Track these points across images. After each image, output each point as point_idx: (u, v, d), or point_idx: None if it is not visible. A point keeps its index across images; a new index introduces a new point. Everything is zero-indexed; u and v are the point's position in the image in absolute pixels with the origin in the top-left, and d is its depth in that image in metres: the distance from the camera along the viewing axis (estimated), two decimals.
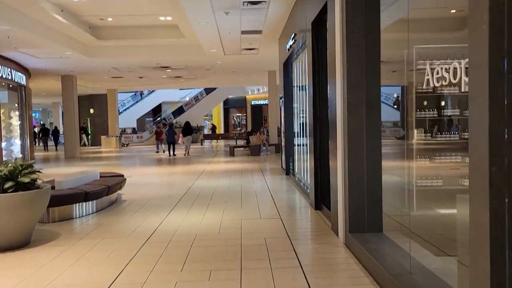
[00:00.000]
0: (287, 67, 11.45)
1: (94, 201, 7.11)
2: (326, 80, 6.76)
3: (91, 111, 31.95)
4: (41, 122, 52.02)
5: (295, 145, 11.17)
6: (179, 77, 22.41)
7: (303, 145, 9.35)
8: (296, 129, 10.43)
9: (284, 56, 11.36)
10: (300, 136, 10.09)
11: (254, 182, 10.50)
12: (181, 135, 19.45)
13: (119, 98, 41.71)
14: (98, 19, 13.16)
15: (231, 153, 18.84)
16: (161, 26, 14.11)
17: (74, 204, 6.82)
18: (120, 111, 39.84)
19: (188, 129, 19.81)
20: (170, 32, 14.18)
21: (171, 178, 11.75)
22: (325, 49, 6.67)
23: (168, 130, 19.70)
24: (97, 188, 7.07)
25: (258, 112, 39.17)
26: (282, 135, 12.37)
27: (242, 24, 11.12)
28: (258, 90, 35.21)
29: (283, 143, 12.35)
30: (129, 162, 18.14)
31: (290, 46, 9.52)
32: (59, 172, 13.60)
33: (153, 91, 40.75)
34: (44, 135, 28.87)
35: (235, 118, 42.41)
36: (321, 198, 6.90)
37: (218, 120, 41.18)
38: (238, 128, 41.24)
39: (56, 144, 28.97)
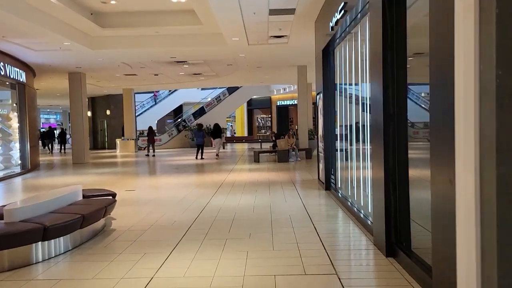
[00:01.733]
0: (327, 55, 9.09)
1: (62, 237, 4.93)
2: (404, 59, 4.39)
3: (108, 112, 30.24)
4: (61, 125, 51.17)
5: (337, 151, 8.81)
6: (199, 74, 20.29)
7: (356, 152, 6.98)
8: (343, 131, 8.05)
9: (323, 41, 9.01)
10: (347, 141, 7.72)
11: (286, 201, 8.17)
12: (211, 137, 18.90)
13: (139, 99, 40.47)
14: (100, 2, 11.10)
15: (256, 159, 16.56)
16: (174, 11, 11.96)
17: (33, 244, 4.67)
18: (140, 112, 38.39)
19: (217, 131, 19.10)
20: (185, 18, 12.02)
21: (183, 192, 9.55)
22: (404, 11, 4.34)
23: (197, 132, 19.02)
24: (64, 221, 4.88)
25: (284, 113, 36.81)
26: (320, 139, 10.02)
27: (270, 0, 8.83)
28: (284, 89, 32.86)
29: (320, 149, 9.99)
30: (140, 169, 16.07)
31: (336, 22, 7.17)
32: (52, 183, 11.61)
33: (173, 91, 39.10)
34: (49, 137, 27.54)
35: (259, 120, 40.15)
36: (398, 238, 4.52)
37: (241, 121, 39.02)
38: (263, 130, 38.98)
39: (62, 148, 27.93)
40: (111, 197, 6.71)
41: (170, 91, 39.47)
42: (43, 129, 31.77)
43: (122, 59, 15.18)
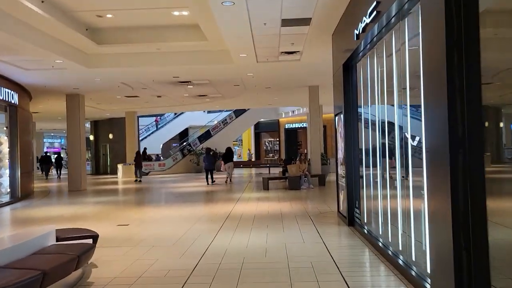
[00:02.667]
0: (349, 69, 7.93)
1: None
2: (477, 59, 3.20)
3: (110, 136, 29.23)
4: (66, 149, 50.35)
5: (361, 178, 7.55)
6: (204, 96, 19.24)
7: (386, 180, 5.71)
8: (369, 155, 6.79)
9: (344, 54, 7.87)
10: (375, 166, 6.47)
11: (304, 241, 6.86)
12: (222, 162, 18.42)
13: (143, 122, 39.69)
14: (95, 15, 10.10)
15: (265, 187, 15.27)
16: (176, 26, 10.94)
17: None
18: (144, 136, 37.47)
19: (229, 155, 18.58)
20: (188, 33, 10.99)
21: (183, 227, 8.29)
22: None
23: (206, 157, 18.31)
24: (14, 282, 3.63)
25: (293, 137, 35.63)
26: (340, 164, 8.76)
27: (283, 9, 7.75)
28: (293, 112, 31.76)
29: (341, 176, 8.72)
30: (139, 197, 14.82)
31: (364, 28, 6.02)
32: (39, 216, 10.36)
33: (179, 114, 38.25)
34: (45, 163, 27.03)
35: (267, 143, 38.97)
36: None
37: (248, 145, 37.86)
38: (271, 154, 37.74)
39: (58, 173, 27.47)
40: (91, 240, 5.47)
41: (175, 114, 38.64)
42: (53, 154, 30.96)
43: (121, 78, 14.15)
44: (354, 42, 6.81)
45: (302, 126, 33.81)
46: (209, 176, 17.83)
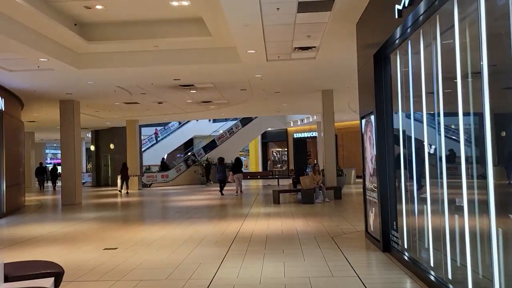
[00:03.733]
0: (382, 61, 6.55)
1: None
2: None
3: (111, 146, 27.97)
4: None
5: (398, 190, 6.14)
6: (208, 102, 17.92)
7: (436, 195, 4.29)
8: (412, 164, 5.36)
9: (375, 43, 6.51)
10: (422, 177, 5.05)
11: (333, 274, 5.42)
12: (230, 173, 18.05)
13: (147, 132, 38.56)
14: (83, 7, 8.83)
15: (276, 200, 13.83)
16: (177, 20, 9.65)
17: None
18: (148, 146, 36.30)
19: (238, 166, 18.15)
20: (190, 28, 9.69)
21: (181, 253, 6.89)
22: None
23: (218, 167, 18.41)
24: None
25: (301, 147, 34.18)
26: (368, 175, 7.34)
27: None
28: (302, 121, 30.38)
29: (370, 190, 7.29)
30: (136, 212, 13.40)
31: (411, 1, 4.65)
32: (22, 234, 8.95)
33: (183, 124, 37.07)
34: (40, 174, 26.35)
35: (274, 154, 37.55)
36: None
37: (255, 156, 36.44)
38: (279, 165, 36.31)
39: (54, 186, 26.38)
40: (51, 280, 4.06)
41: (180, 123, 37.45)
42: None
43: (116, 81, 12.85)
44: (393, 22, 5.43)
45: (311, 135, 32.44)
46: (223, 186, 17.91)
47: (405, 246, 5.89)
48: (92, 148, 29.96)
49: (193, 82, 13.54)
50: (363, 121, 7.60)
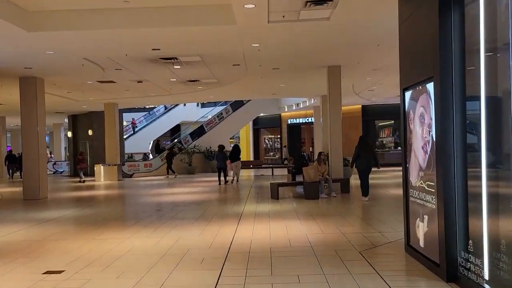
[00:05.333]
0: (453, 3, 4.41)
1: None
2: None
3: (90, 132, 25.55)
4: (49, 148, 46.51)
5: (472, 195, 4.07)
6: (195, 81, 15.65)
7: None
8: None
9: None
10: None
11: None
12: (228, 161, 17.20)
13: (132, 117, 36.22)
14: None
15: (274, 195, 11.74)
16: None
17: None
18: (131, 133, 34.10)
19: (236, 154, 17.46)
20: None
21: (149, 280, 4.79)
22: None
23: (218, 155, 17.24)
24: None
25: (295, 134, 32.15)
26: (414, 170, 5.25)
27: None
28: (298, 105, 28.21)
29: (423, 190, 5.21)
30: (106, 211, 11.12)
31: None
32: None
33: (170, 108, 34.85)
34: (11, 162, 24.63)
35: (266, 141, 35.42)
36: None
37: (247, 143, 34.29)
38: (271, 153, 34.23)
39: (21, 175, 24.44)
40: None
41: (166, 108, 35.18)
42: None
43: (81, 51, 10.50)
44: None
45: (306, 121, 30.39)
46: (223, 174, 16.85)
47: (486, 277, 3.85)
48: (69, 134, 27.53)
49: (176, 54, 11.26)
50: (407, 94, 5.49)
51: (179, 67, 12.81)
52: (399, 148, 28.15)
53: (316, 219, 8.33)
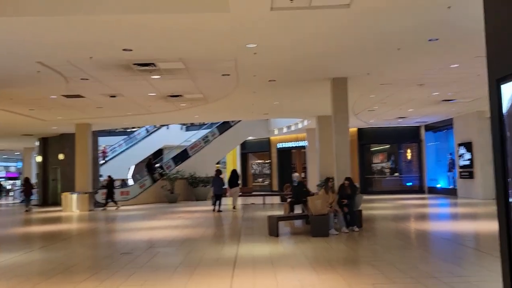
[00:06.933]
0: None
1: None
2: None
3: (61, 157, 23.09)
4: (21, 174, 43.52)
5: None
6: (178, 96, 13.57)
7: None
8: None
9: None
10: None
11: None
12: (227, 187, 16.75)
13: (110, 141, 34.04)
14: None
15: (273, 231, 9.54)
16: None
17: None
18: (110, 157, 31.84)
19: (235, 179, 16.69)
20: None
21: None
22: None
23: (215, 180, 16.08)
24: None
25: (286, 159, 30.10)
26: None
27: None
28: (289, 128, 26.26)
29: None
30: (60, 256, 8.66)
31: None
32: None
33: (152, 132, 32.78)
34: None
35: (255, 166, 33.28)
36: None
37: (234, 167, 32.03)
38: (260, 179, 32.07)
39: None
40: None
41: (147, 131, 33.06)
42: None
43: (32, 51, 8.34)
44: None
45: (297, 145, 28.46)
46: (218, 202, 15.50)
47: None
48: (39, 159, 25.02)
49: (153, 58, 9.19)
50: (504, 87, 3.49)
51: (158, 76, 10.73)
52: (396, 174, 26.64)
53: (337, 269, 6.18)
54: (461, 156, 19.41)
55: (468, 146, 18.79)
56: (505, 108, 3.45)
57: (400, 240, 8.93)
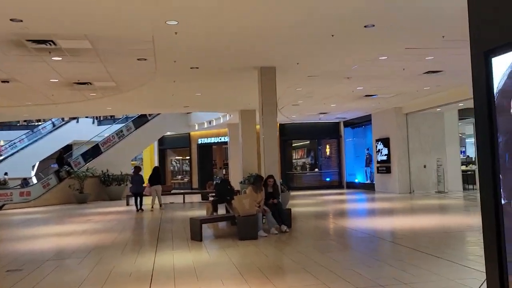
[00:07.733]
0: None
1: None
2: None
3: None
4: None
5: None
6: (86, 84, 11.93)
7: None
8: None
9: None
10: None
11: None
12: (147, 184, 15.60)
13: (9, 136, 30.83)
14: None
15: (196, 235, 8.50)
16: None
17: None
18: (9, 153, 28.69)
19: (156, 177, 15.74)
20: None
21: None
22: None
23: (134, 178, 15.13)
24: None
25: (206, 155, 29.02)
26: None
27: None
28: (210, 123, 25.19)
29: None
30: None
31: None
32: None
33: (60, 125, 30.09)
34: None
35: (174, 163, 31.77)
36: None
37: (151, 165, 30.25)
38: (179, 177, 30.68)
39: None
40: None
41: (54, 125, 30.20)
42: None
43: None
44: None
45: (218, 141, 27.55)
46: (139, 200, 14.70)
47: None
48: None
49: (51, 33, 7.67)
50: (496, 61, 2.83)
51: (59, 58, 9.15)
52: (316, 170, 26.82)
53: (271, 279, 5.34)
54: (379, 151, 19.79)
55: (386, 141, 19.19)
56: (496, 87, 2.80)
57: (332, 241, 8.39)
